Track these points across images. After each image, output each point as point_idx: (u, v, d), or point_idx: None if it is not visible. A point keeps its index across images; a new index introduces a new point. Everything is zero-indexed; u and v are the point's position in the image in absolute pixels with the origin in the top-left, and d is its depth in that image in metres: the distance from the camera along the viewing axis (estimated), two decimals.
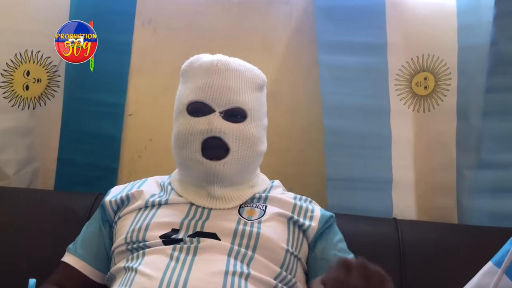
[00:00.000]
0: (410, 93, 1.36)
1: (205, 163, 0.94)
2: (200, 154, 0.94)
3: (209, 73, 0.98)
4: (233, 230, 0.92)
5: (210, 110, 0.96)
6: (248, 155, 0.98)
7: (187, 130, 0.96)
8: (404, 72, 1.36)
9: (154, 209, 0.98)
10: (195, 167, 0.96)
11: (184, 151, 0.97)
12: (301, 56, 1.45)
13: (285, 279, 0.91)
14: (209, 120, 0.94)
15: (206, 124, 0.94)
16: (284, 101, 1.45)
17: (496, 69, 1.20)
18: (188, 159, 0.97)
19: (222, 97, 0.96)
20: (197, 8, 1.48)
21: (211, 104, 0.96)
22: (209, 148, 0.95)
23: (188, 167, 0.99)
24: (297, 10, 1.46)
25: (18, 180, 1.44)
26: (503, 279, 0.70)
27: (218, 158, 0.95)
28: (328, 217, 1.02)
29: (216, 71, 0.97)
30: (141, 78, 1.50)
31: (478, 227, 1.25)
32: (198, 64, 1.01)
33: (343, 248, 0.99)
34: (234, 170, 0.97)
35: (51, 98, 1.48)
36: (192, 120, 0.96)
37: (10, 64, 1.35)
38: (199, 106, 0.97)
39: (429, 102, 1.36)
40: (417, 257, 1.17)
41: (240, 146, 0.96)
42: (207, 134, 0.94)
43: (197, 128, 0.95)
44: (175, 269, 0.84)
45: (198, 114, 0.96)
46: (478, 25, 1.24)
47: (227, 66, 0.99)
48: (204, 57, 1.02)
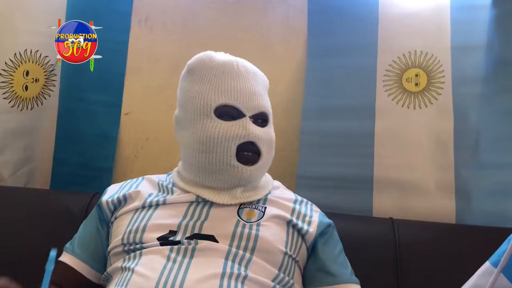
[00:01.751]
0: (399, 89, 1.36)
1: (240, 168, 0.94)
2: (235, 158, 0.93)
3: (231, 76, 0.97)
4: (231, 232, 0.91)
5: (240, 115, 0.95)
6: (271, 158, 1.01)
7: (220, 134, 0.94)
8: (395, 67, 1.35)
9: (151, 210, 0.97)
10: (226, 172, 0.94)
11: (214, 156, 0.94)
12: (297, 55, 1.45)
13: (283, 281, 0.90)
14: (243, 125, 0.94)
15: (241, 129, 0.93)
16: (279, 101, 1.45)
17: (493, 69, 1.21)
18: (218, 163, 0.94)
19: (251, 102, 0.96)
20: (193, 7, 1.48)
21: (242, 108, 0.95)
22: (245, 152, 0.94)
23: (217, 171, 0.96)
24: (294, 9, 1.46)
25: (13, 181, 1.43)
26: (500, 278, 0.71)
27: (252, 163, 0.95)
28: (326, 224, 1.01)
29: (238, 74, 0.97)
30: (138, 77, 1.50)
31: (475, 227, 1.25)
32: (214, 63, 0.99)
33: (343, 262, 0.99)
34: (261, 174, 1.00)
35: (48, 97, 1.47)
36: (225, 124, 0.94)
37: (10, 64, 1.35)
38: (228, 110, 0.95)
39: (420, 99, 1.35)
40: (414, 257, 1.17)
41: (268, 150, 0.98)
42: (243, 139, 0.93)
43: (233, 132, 0.93)
44: (171, 270, 0.84)
45: (229, 118, 0.95)
46: (472, 22, 1.24)
47: (246, 69, 0.99)
48: (217, 56, 1.00)
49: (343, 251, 1.01)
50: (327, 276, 0.95)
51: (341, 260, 0.98)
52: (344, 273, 0.95)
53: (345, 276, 0.95)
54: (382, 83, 1.36)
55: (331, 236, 1.01)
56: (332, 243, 1.00)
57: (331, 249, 0.99)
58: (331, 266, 0.95)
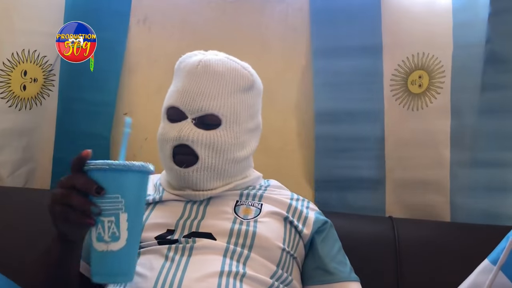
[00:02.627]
0: (405, 92, 1.37)
1: (175, 169, 0.95)
2: (171, 160, 0.96)
3: (188, 77, 0.98)
4: (229, 230, 0.91)
5: (183, 117, 0.96)
6: (219, 162, 0.96)
7: (162, 136, 0.98)
8: (400, 72, 1.36)
9: (149, 209, 0.98)
10: (170, 171, 0.98)
11: (161, 155, 0.99)
12: (297, 54, 1.45)
13: (282, 277, 0.90)
14: (180, 127, 0.95)
15: (176, 131, 0.95)
16: (278, 100, 1.45)
17: (491, 67, 1.21)
18: (164, 163, 0.99)
19: (195, 104, 0.95)
20: (192, 6, 1.48)
21: (184, 111, 0.96)
22: (179, 154, 0.95)
23: (166, 170, 1.01)
24: (293, 8, 1.46)
25: (12, 181, 1.43)
26: (499, 275, 0.71)
27: (187, 165, 0.95)
28: (323, 221, 1.01)
29: (194, 75, 0.97)
30: (136, 77, 1.50)
31: (472, 225, 1.25)
32: (183, 64, 1.01)
33: (342, 260, 0.99)
34: (206, 177, 0.96)
35: (46, 97, 1.47)
36: (168, 126, 0.98)
37: (8, 64, 1.35)
38: (173, 112, 0.98)
39: (422, 100, 1.36)
40: (413, 255, 1.18)
41: (210, 153, 0.95)
42: (176, 141, 0.94)
43: (170, 134, 0.96)
44: (170, 269, 0.84)
45: (174, 119, 0.97)
46: (473, 22, 1.24)
47: (207, 69, 0.97)
48: (191, 57, 1.02)
49: (342, 249, 1.01)
50: (326, 274, 0.95)
51: (340, 258, 0.99)
52: (343, 271, 0.96)
53: (344, 274, 0.95)
54: (390, 88, 1.37)
55: (329, 234, 1.01)
56: (330, 241, 1.00)
57: (330, 247, 0.99)
58: (330, 264, 0.96)
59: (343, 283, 0.94)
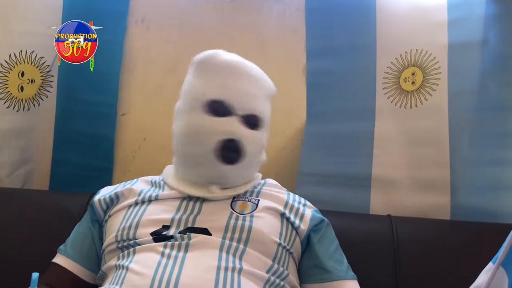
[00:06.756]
0: (397, 90, 1.36)
1: (216, 165, 0.93)
2: (214, 154, 0.93)
3: (233, 74, 0.97)
4: (225, 225, 0.91)
5: (229, 112, 0.95)
6: (255, 162, 1.00)
7: (202, 128, 0.94)
8: (393, 69, 1.36)
9: (144, 205, 0.97)
10: (204, 166, 0.95)
11: (195, 149, 0.95)
12: (295, 54, 1.45)
13: (277, 272, 0.90)
14: (230, 122, 0.94)
15: (227, 126, 0.93)
16: (277, 100, 1.45)
17: (489, 65, 1.21)
18: (198, 157, 0.95)
19: (244, 102, 0.95)
20: (190, 7, 1.48)
21: (231, 106, 0.95)
22: (225, 150, 0.93)
23: (195, 164, 0.97)
24: (290, 8, 1.46)
25: (11, 182, 1.43)
26: (499, 270, 0.71)
27: (232, 162, 0.94)
28: (319, 219, 1.01)
29: (239, 74, 0.98)
30: (134, 77, 1.50)
31: (473, 223, 1.25)
32: (218, 60, 0.99)
33: (339, 259, 0.99)
34: (243, 175, 0.98)
35: (45, 98, 1.47)
36: (209, 119, 0.94)
37: (5, 65, 1.35)
38: (217, 106, 0.95)
39: (416, 97, 1.35)
40: (412, 254, 1.18)
41: (253, 152, 0.97)
42: (226, 136, 0.93)
43: (215, 128, 0.93)
44: (166, 266, 0.83)
45: (217, 113, 0.95)
46: (468, 19, 1.24)
47: (250, 71, 0.99)
48: (224, 55, 1.01)
49: (339, 248, 1.01)
50: (323, 272, 0.95)
51: (337, 256, 0.99)
52: (340, 269, 0.96)
53: (341, 273, 0.95)
54: (382, 85, 1.36)
55: (326, 232, 1.01)
56: (327, 240, 1.00)
57: (327, 246, 0.99)
58: (327, 262, 0.96)
59: (341, 281, 0.94)
